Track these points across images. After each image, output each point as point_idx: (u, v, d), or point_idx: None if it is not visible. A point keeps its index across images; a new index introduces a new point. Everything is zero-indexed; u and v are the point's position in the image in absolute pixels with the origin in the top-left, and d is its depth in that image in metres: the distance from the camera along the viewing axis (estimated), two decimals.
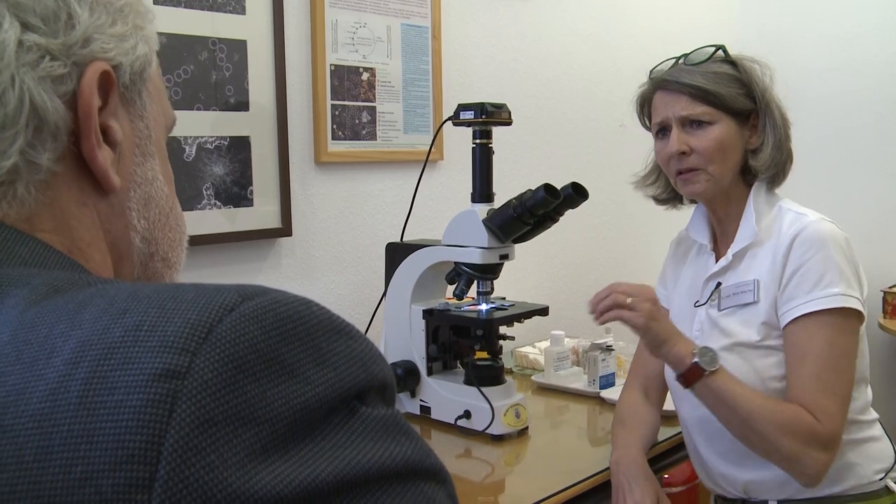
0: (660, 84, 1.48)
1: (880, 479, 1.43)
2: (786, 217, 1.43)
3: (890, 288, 2.89)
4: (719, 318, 1.46)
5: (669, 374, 1.57)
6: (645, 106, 1.55)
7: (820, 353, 1.32)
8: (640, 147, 1.61)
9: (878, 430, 1.48)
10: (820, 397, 1.31)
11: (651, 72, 1.53)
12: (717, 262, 1.51)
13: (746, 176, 1.48)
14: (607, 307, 1.38)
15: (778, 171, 1.47)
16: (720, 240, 1.54)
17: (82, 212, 0.53)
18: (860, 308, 1.35)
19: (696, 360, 1.32)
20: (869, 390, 1.49)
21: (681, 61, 1.47)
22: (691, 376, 1.33)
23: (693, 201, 1.59)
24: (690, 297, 1.56)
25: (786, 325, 1.37)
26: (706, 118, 1.42)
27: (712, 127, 1.42)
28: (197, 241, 1.67)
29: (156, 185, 0.60)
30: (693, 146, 1.43)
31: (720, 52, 1.46)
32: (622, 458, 1.50)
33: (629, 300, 1.36)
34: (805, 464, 1.30)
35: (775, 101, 1.46)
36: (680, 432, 1.68)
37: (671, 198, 1.61)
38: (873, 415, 1.48)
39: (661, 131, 1.48)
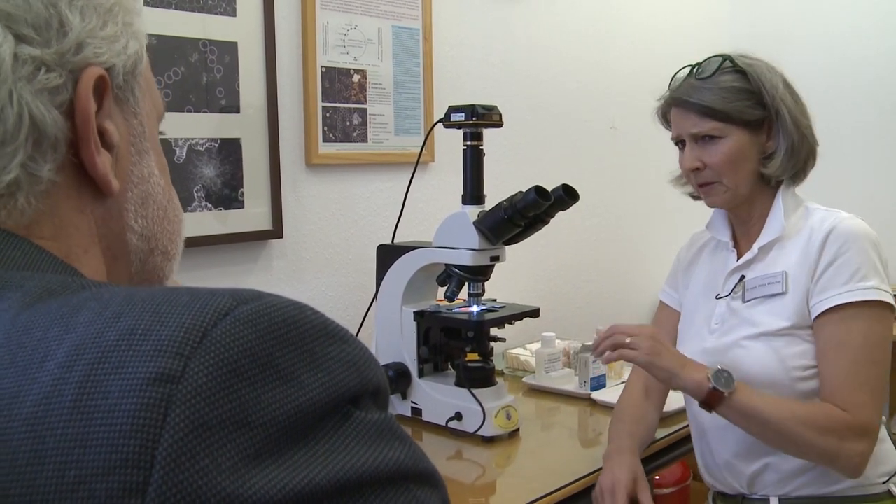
0: (673, 101, 1.51)
1: (883, 483, 1.44)
2: (815, 214, 1.47)
3: None
4: (743, 309, 1.48)
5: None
6: (667, 116, 1.57)
7: (856, 345, 1.35)
8: (631, 149, 1.62)
9: (883, 432, 1.48)
10: (853, 389, 1.34)
11: (670, 82, 1.54)
12: (738, 258, 1.53)
13: (766, 177, 1.50)
14: (608, 347, 1.42)
15: (798, 171, 1.49)
16: (740, 238, 1.56)
17: (80, 218, 0.53)
18: (893, 303, 1.38)
19: (712, 385, 1.32)
20: None
21: (695, 71, 1.49)
22: (713, 401, 1.34)
23: None
24: (707, 291, 1.57)
25: (819, 316, 1.38)
26: (716, 133, 1.45)
27: (723, 141, 1.45)
28: (188, 243, 1.64)
29: (152, 181, 0.60)
30: (706, 161, 1.46)
31: (728, 63, 1.47)
32: (613, 454, 1.50)
33: (629, 339, 1.40)
34: (846, 457, 1.33)
35: (787, 106, 1.46)
36: (675, 432, 1.69)
37: None
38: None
39: (679, 143, 1.53)
